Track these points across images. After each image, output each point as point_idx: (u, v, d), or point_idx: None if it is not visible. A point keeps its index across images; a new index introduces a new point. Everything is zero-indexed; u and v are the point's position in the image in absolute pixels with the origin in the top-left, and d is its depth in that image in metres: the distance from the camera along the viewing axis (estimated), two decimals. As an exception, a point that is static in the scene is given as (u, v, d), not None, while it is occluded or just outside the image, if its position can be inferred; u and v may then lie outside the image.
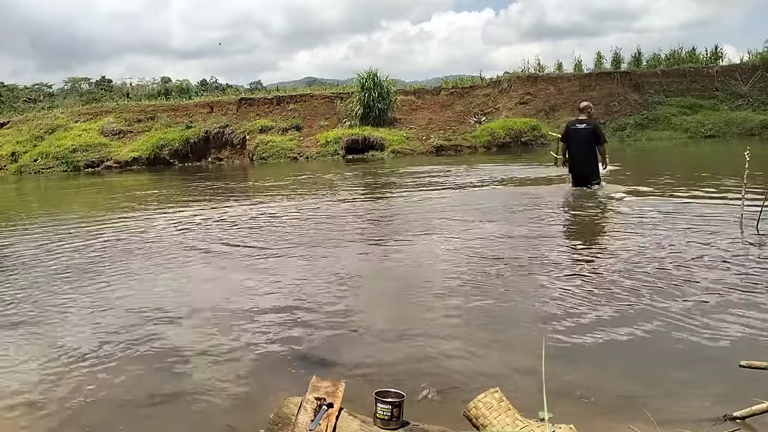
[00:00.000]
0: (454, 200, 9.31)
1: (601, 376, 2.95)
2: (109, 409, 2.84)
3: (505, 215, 7.57)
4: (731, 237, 5.55)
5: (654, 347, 3.25)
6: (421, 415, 2.46)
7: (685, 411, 2.54)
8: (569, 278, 4.52)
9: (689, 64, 26.32)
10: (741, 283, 4.20)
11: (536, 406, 2.35)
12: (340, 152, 22.05)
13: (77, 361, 3.39)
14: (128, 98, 32.74)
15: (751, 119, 22.42)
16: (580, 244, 5.77)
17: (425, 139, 23.07)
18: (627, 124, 23.32)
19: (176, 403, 2.87)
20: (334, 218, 8.07)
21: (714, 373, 2.92)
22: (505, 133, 22.20)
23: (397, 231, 6.93)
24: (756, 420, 2.41)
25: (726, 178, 9.80)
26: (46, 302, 4.57)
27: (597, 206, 7.91)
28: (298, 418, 2.19)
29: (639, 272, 4.56)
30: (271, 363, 3.28)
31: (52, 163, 23.47)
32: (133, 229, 7.90)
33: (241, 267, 5.45)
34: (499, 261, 5.13)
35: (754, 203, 6.30)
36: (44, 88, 43.52)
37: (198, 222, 8.31)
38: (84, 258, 6.12)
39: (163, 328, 3.86)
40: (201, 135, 24.08)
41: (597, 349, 3.26)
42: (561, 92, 24.76)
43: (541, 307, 3.92)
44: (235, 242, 6.59)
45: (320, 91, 27.84)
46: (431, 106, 25.70)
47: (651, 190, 9.00)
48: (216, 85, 46.48)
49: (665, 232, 5.93)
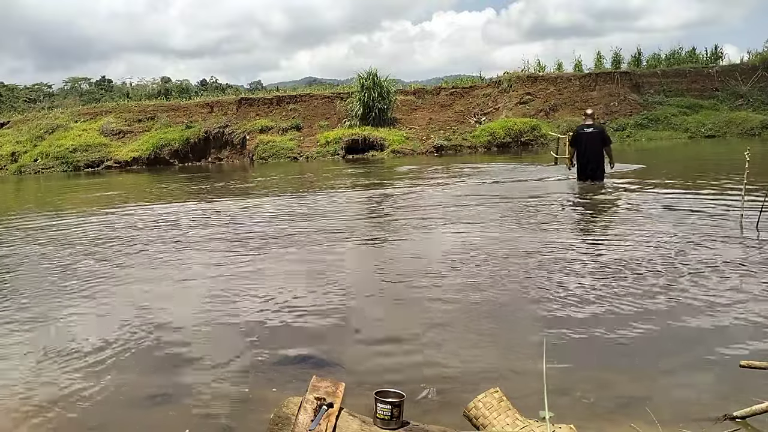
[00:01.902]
0: (454, 196, 9.31)
1: (601, 376, 2.95)
2: (109, 409, 2.84)
3: (508, 212, 7.56)
4: (731, 237, 5.55)
5: (654, 347, 3.24)
6: (421, 415, 2.46)
7: (685, 411, 2.54)
8: (569, 277, 4.52)
9: (689, 64, 26.34)
10: (741, 283, 4.20)
11: (536, 406, 2.35)
12: (340, 152, 22.05)
13: (77, 361, 3.39)
14: (128, 98, 32.78)
15: (751, 119, 22.41)
16: (580, 243, 5.76)
17: (425, 139, 23.07)
18: (627, 124, 23.32)
19: (176, 403, 2.87)
20: (334, 217, 8.06)
21: (714, 373, 2.92)
22: (505, 133, 22.20)
23: (396, 229, 6.93)
24: (756, 420, 2.41)
25: (726, 177, 9.80)
26: (45, 307, 4.58)
27: (598, 204, 7.91)
28: (298, 418, 2.19)
29: (639, 272, 4.55)
30: (271, 363, 3.27)
31: (52, 163, 23.48)
32: (138, 227, 7.90)
33: (241, 266, 5.44)
34: (499, 260, 5.13)
35: (754, 203, 6.30)
36: (44, 88, 43.56)
37: (199, 218, 8.31)
38: (88, 249, 6.13)
39: (163, 328, 3.86)
40: (201, 135, 24.09)
41: (597, 348, 3.26)
42: (561, 92, 24.76)
43: (541, 307, 3.91)
44: (234, 242, 6.59)
45: (320, 91, 27.85)
46: (431, 106, 25.71)
47: (651, 189, 9.00)
48: (216, 85, 46.54)
49: (666, 231, 5.93)
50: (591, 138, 9.32)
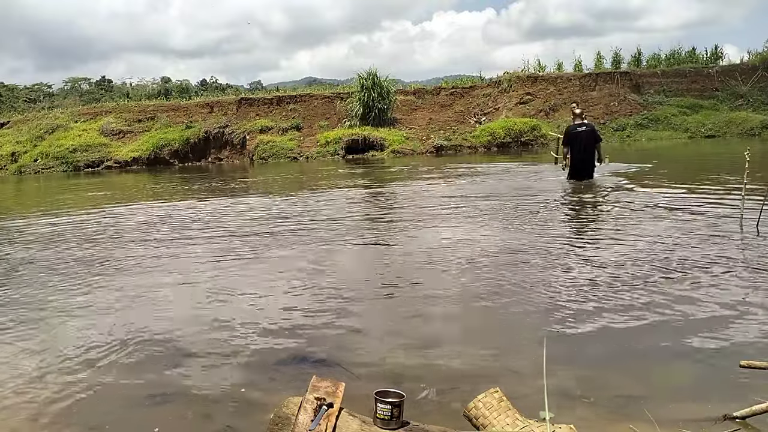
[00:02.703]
0: (453, 192, 9.32)
1: (601, 375, 2.95)
2: (109, 408, 2.84)
3: (504, 210, 7.56)
4: (731, 236, 5.55)
5: (654, 347, 3.24)
6: (421, 415, 2.46)
7: (685, 411, 2.54)
8: (569, 277, 4.52)
9: (689, 64, 26.34)
10: (741, 283, 4.20)
11: (536, 406, 2.35)
12: (340, 152, 22.06)
13: (77, 361, 3.39)
14: (128, 98, 32.79)
15: (751, 119, 22.41)
16: (579, 243, 5.76)
17: (425, 139, 23.08)
18: (627, 124, 23.32)
19: (176, 403, 2.87)
20: (333, 217, 8.06)
21: (714, 373, 2.92)
22: (505, 133, 22.21)
23: (396, 228, 6.93)
24: (756, 420, 2.41)
25: (726, 177, 9.80)
26: (46, 304, 4.58)
27: (598, 204, 7.91)
28: (298, 418, 2.19)
29: (639, 271, 4.55)
30: (271, 363, 3.27)
31: (52, 163, 23.49)
32: (138, 225, 7.91)
33: (241, 265, 5.44)
34: (498, 258, 5.13)
35: (754, 203, 6.29)
36: (44, 88, 43.58)
37: (199, 217, 8.31)
38: (89, 249, 6.13)
39: (162, 328, 3.86)
40: (201, 135, 24.10)
41: (597, 348, 3.26)
42: (561, 92, 24.77)
43: (541, 307, 3.91)
44: (233, 242, 6.59)
45: (320, 91, 27.86)
46: (431, 106, 25.72)
47: (651, 188, 8.99)
48: (216, 85, 46.56)
49: (665, 231, 5.93)
50: (585, 136, 9.63)
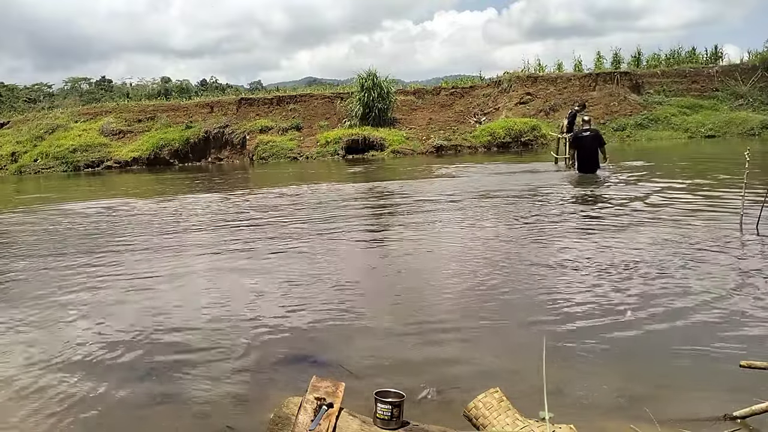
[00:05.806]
0: (453, 191, 9.31)
1: (601, 376, 2.95)
2: (109, 409, 2.84)
3: (504, 209, 7.56)
4: (731, 236, 5.55)
5: (654, 347, 3.24)
6: (421, 415, 2.46)
7: (685, 411, 2.54)
8: (569, 277, 4.52)
9: (689, 64, 26.32)
10: (741, 283, 4.20)
11: (536, 406, 2.35)
12: (340, 152, 22.04)
13: (76, 361, 3.39)
14: (128, 98, 32.78)
15: (751, 119, 22.38)
16: (579, 242, 5.76)
17: (425, 139, 23.06)
18: (627, 124, 23.30)
19: (176, 403, 2.87)
20: (333, 216, 8.06)
21: (714, 373, 2.92)
22: (505, 133, 22.18)
23: (396, 227, 6.93)
24: (756, 420, 2.41)
25: (726, 177, 9.80)
26: (47, 302, 4.58)
27: (598, 203, 7.90)
28: (298, 418, 2.19)
29: (638, 271, 4.55)
30: (271, 363, 3.27)
31: (52, 163, 23.47)
32: (138, 224, 7.90)
33: (241, 265, 5.45)
34: (498, 258, 5.12)
35: (754, 203, 6.29)
36: (44, 88, 43.55)
37: (198, 216, 8.31)
38: (89, 242, 6.13)
39: (162, 328, 3.86)
40: (201, 135, 24.08)
41: (597, 348, 3.26)
42: (561, 92, 24.74)
43: (541, 307, 3.92)
44: (234, 242, 6.59)
45: (320, 91, 27.83)
46: (431, 106, 25.70)
47: (651, 188, 8.99)
48: (216, 85, 46.55)
49: (665, 230, 5.93)
50: (590, 140, 11.61)
